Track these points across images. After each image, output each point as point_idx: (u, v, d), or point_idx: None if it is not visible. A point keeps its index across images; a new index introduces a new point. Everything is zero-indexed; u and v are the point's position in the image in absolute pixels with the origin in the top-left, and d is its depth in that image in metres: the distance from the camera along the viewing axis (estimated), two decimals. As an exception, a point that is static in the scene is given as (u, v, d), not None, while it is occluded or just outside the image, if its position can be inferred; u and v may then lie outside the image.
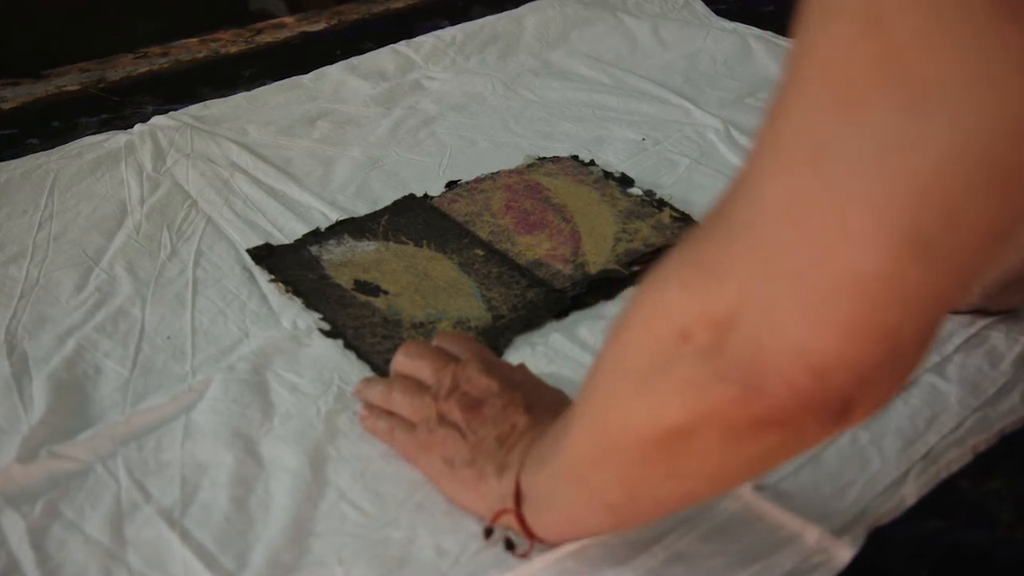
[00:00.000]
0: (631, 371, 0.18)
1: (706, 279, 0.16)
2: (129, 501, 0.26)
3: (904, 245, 0.14)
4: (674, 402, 0.17)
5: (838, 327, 0.15)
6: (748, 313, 0.15)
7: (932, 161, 0.13)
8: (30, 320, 0.33)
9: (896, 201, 0.14)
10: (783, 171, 0.15)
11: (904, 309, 0.15)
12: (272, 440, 0.28)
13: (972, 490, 0.26)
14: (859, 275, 0.14)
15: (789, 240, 0.15)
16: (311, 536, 0.25)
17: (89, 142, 0.43)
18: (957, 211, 0.14)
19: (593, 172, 0.40)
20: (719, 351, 0.16)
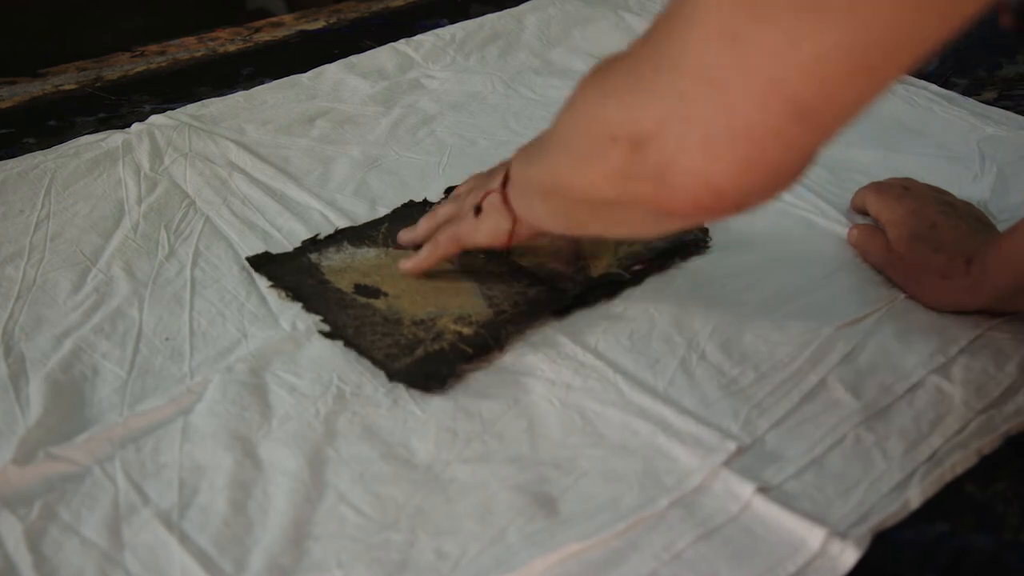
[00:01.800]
0: (574, 151, 0.24)
1: (635, 101, 0.21)
2: (127, 503, 0.26)
3: (790, 110, 0.19)
4: (604, 184, 0.23)
5: (734, 162, 0.20)
6: (666, 138, 0.20)
7: (820, 50, 0.18)
8: (27, 321, 0.33)
9: (788, 77, 0.19)
10: (708, 34, 0.19)
11: (784, 153, 0.20)
12: (271, 442, 0.28)
13: (978, 493, 0.26)
14: (754, 126, 0.19)
15: (704, 90, 0.20)
16: (310, 539, 0.25)
17: (86, 141, 0.43)
18: (833, 91, 0.19)
19: None
20: (640, 159, 0.21)
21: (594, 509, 0.25)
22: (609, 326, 0.32)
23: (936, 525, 0.25)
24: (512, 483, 0.26)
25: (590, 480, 0.26)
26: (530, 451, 0.27)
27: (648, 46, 0.21)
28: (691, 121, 0.20)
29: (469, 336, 0.31)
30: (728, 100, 0.19)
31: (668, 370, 0.30)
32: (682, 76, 0.20)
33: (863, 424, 0.28)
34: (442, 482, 0.26)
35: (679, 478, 0.26)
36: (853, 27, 0.18)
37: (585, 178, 0.24)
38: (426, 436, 0.28)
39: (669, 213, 0.22)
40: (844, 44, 0.18)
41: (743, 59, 0.19)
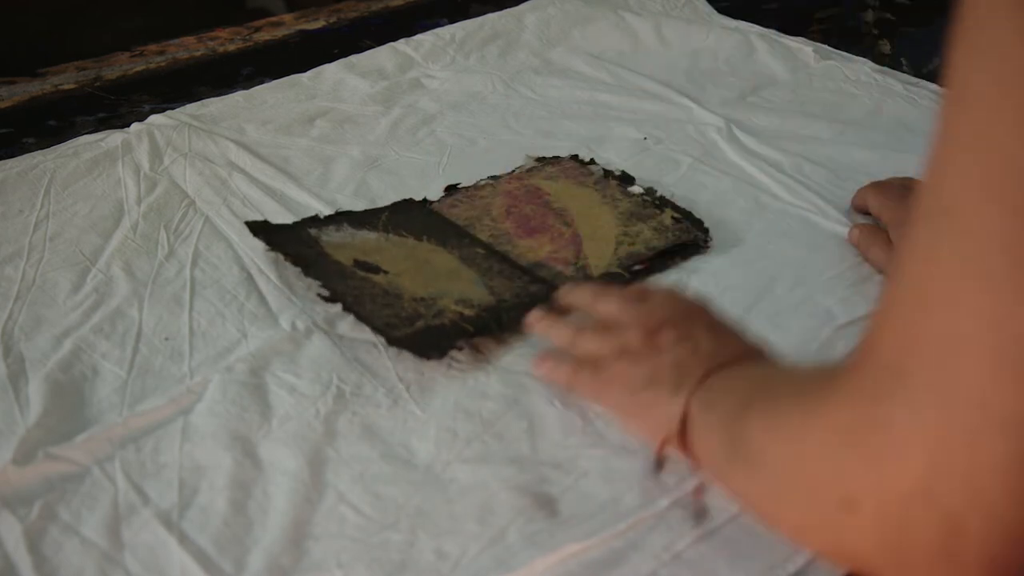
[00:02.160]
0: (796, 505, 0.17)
1: (884, 444, 0.14)
2: (126, 504, 0.26)
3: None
4: (840, 560, 0.16)
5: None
6: (942, 486, 0.13)
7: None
8: (26, 321, 0.33)
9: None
10: (990, 303, 0.13)
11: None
12: (270, 442, 0.28)
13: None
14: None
15: (1000, 390, 0.13)
16: (310, 539, 0.25)
17: (85, 141, 0.43)
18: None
19: (593, 172, 0.40)
20: (898, 535, 0.14)
21: (594, 509, 0.25)
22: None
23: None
24: (512, 483, 0.26)
25: (590, 480, 0.26)
26: (530, 451, 0.27)
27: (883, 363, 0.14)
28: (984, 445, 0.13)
29: (470, 316, 0.30)
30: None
31: (668, 370, 0.30)
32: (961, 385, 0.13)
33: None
34: (442, 482, 0.26)
35: (679, 478, 0.26)
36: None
37: (811, 543, 0.18)
38: (426, 436, 0.28)
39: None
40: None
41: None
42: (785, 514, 0.18)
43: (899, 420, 0.14)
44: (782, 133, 0.43)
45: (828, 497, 0.15)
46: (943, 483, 0.13)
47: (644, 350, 0.25)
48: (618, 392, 0.25)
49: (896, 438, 0.14)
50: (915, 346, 0.14)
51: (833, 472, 0.15)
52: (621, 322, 0.26)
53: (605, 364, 0.26)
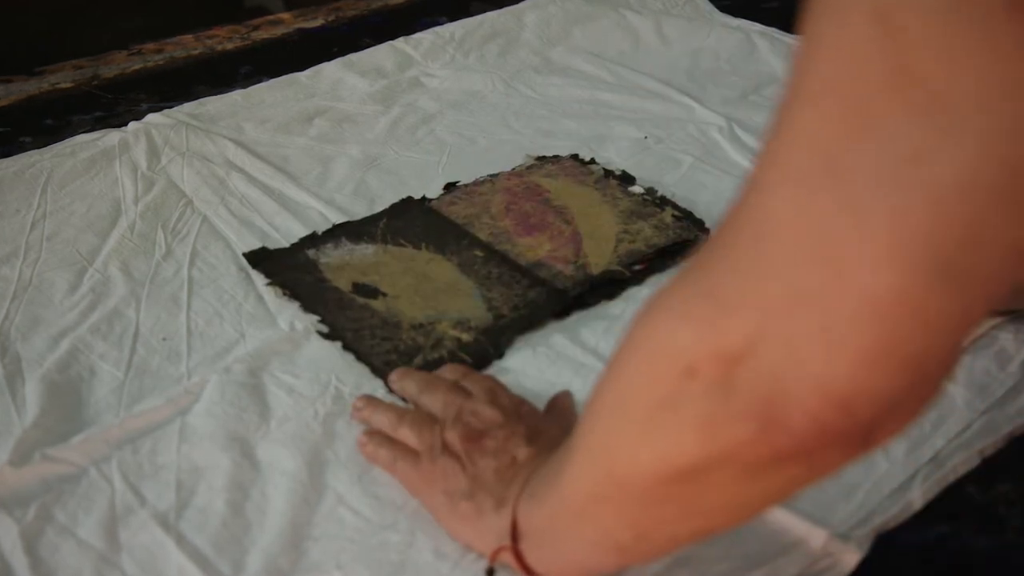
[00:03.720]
0: (633, 410, 0.17)
1: (715, 312, 0.15)
2: (124, 505, 0.26)
3: (924, 267, 0.13)
4: (685, 442, 0.16)
5: (861, 356, 0.14)
6: (765, 347, 0.14)
7: (950, 176, 0.13)
8: (23, 321, 0.33)
9: (914, 220, 0.13)
10: (794, 191, 0.14)
11: (927, 333, 0.14)
12: (269, 443, 0.28)
13: (979, 494, 0.26)
14: (879, 301, 0.13)
15: (805, 267, 0.14)
16: (308, 540, 0.25)
17: (83, 140, 0.43)
18: (977, 229, 0.13)
19: (594, 172, 0.40)
20: (731, 388, 0.15)
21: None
22: (609, 326, 0.32)
23: (938, 527, 0.25)
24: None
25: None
26: (530, 452, 0.27)
27: (715, 248, 0.15)
28: (796, 314, 0.14)
29: (468, 343, 0.31)
30: (843, 270, 0.13)
31: (669, 371, 0.30)
32: (773, 261, 0.14)
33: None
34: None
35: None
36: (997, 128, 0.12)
37: (656, 446, 0.16)
38: (425, 437, 0.28)
39: (778, 456, 0.15)
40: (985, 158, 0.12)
41: (851, 201, 0.13)
42: (628, 436, 0.17)
43: (725, 289, 0.15)
44: (783, 132, 0.43)
45: (672, 369, 0.16)
46: (765, 347, 0.14)
47: (463, 457, 0.24)
48: (439, 496, 0.24)
49: (723, 305, 0.15)
50: (739, 224, 0.15)
51: (674, 344, 0.16)
52: (444, 418, 0.26)
53: (425, 458, 0.25)
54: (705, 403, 0.15)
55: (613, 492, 0.18)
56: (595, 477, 0.19)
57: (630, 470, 0.17)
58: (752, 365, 0.15)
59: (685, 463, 0.16)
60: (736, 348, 0.15)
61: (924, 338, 0.14)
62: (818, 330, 0.14)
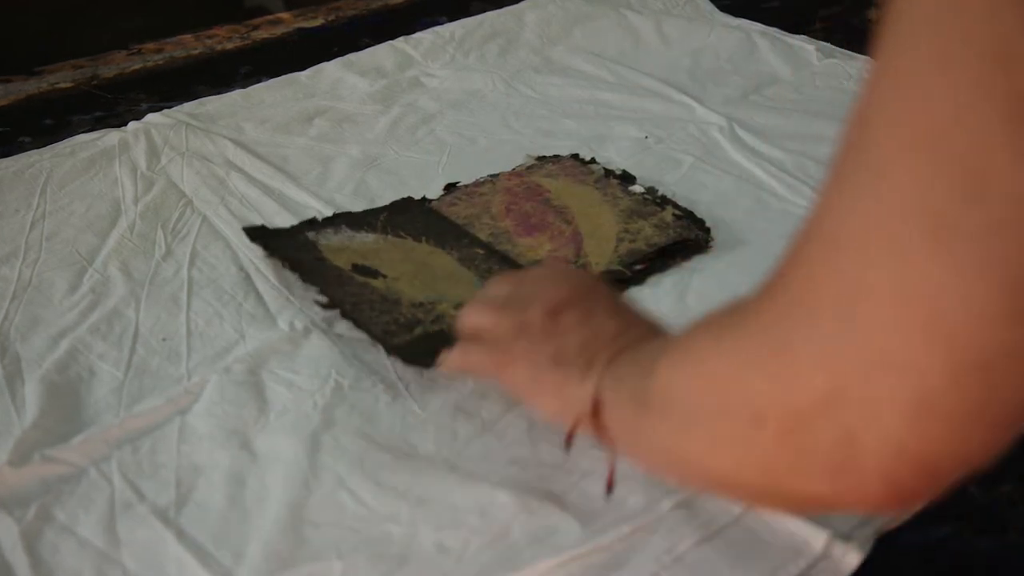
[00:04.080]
0: (705, 427, 0.17)
1: (791, 371, 0.15)
2: (123, 504, 0.26)
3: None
4: (749, 479, 0.16)
5: (952, 422, 0.13)
6: (840, 407, 0.14)
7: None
8: (22, 321, 0.33)
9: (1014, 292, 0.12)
10: (891, 258, 0.13)
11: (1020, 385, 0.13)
12: (267, 434, 0.27)
13: (982, 495, 0.26)
14: (988, 363, 0.13)
15: (900, 334, 0.13)
16: (308, 526, 0.25)
17: (82, 140, 0.43)
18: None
19: (594, 171, 0.40)
20: (802, 449, 0.15)
21: (599, 510, 0.25)
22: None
23: (940, 528, 0.25)
24: (514, 482, 0.26)
25: (592, 481, 0.26)
26: (531, 452, 0.27)
27: (790, 304, 0.15)
28: (883, 380, 0.13)
29: None
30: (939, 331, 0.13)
31: (670, 371, 0.30)
32: (862, 327, 0.13)
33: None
34: (443, 473, 0.26)
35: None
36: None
37: (721, 464, 0.17)
38: (425, 436, 0.28)
39: (850, 507, 0.15)
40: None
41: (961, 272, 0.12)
42: (695, 441, 0.18)
43: (802, 346, 0.15)
44: (785, 132, 0.43)
45: (738, 415, 0.16)
46: (841, 403, 0.14)
47: (546, 330, 0.24)
48: (523, 371, 0.24)
49: (799, 360, 0.15)
50: (822, 285, 0.14)
51: (741, 392, 0.16)
52: (521, 299, 0.25)
53: (504, 342, 0.25)
54: (774, 454, 0.15)
55: (682, 464, 0.19)
56: (666, 453, 0.20)
57: (698, 465, 0.18)
58: (824, 425, 0.14)
59: (744, 492, 0.17)
60: (807, 405, 0.14)
61: (1018, 394, 0.13)
62: (906, 395, 0.13)
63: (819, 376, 0.14)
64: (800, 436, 0.15)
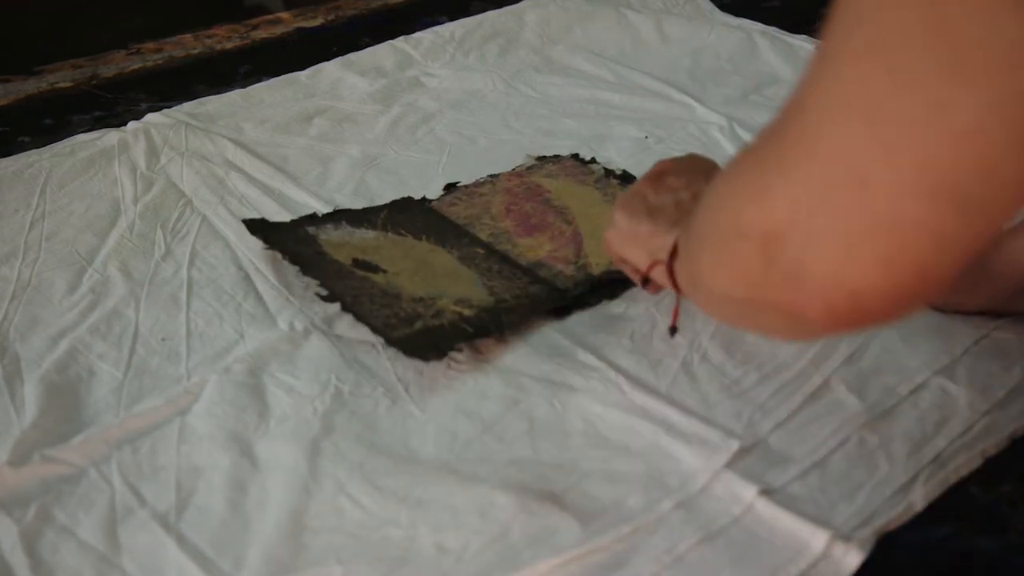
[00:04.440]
0: (709, 246, 0.21)
1: (762, 194, 0.18)
2: (123, 505, 0.26)
3: (944, 197, 0.16)
4: (738, 285, 0.20)
5: (876, 262, 0.17)
6: (795, 236, 0.18)
7: (973, 122, 0.15)
8: (22, 321, 0.33)
9: (939, 158, 0.15)
10: (835, 127, 0.17)
11: (937, 252, 0.17)
12: (268, 440, 0.27)
13: (982, 495, 0.26)
14: (900, 219, 0.16)
15: (838, 181, 0.17)
16: (308, 532, 0.25)
17: (82, 140, 0.43)
18: (994, 168, 0.15)
19: (594, 171, 0.40)
20: (769, 260, 0.18)
21: (597, 511, 0.25)
22: (610, 326, 0.32)
23: (940, 528, 0.25)
24: (514, 483, 0.26)
25: (592, 482, 0.26)
26: (531, 453, 0.27)
27: (777, 133, 0.18)
28: (825, 215, 0.17)
29: (470, 317, 0.30)
30: (868, 188, 0.16)
31: (670, 371, 0.30)
32: (814, 163, 0.17)
33: (867, 426, 0.28)
34: (442, 476, 0.26)
35: (682, 480, 0.26)
36: (1011, 88, 0.15)
37: (721, 278, 0.21)
38: (425, 437, 0.28)
39: (803, 321, 0.18)
40: (1001, 109, 0.15)
41: (883, 137, 0.16)
42: (704, 259, 0.21)
43: (775, 181, 0.18)
44: (784, 132, 0.43)
45: (729, 231, 0.20)
46: (795, 235, 0.18)
47: (649, 188, 0.28)
48: (622, 222, 0.28)
49: (773, 191, 0.18)
50: (787, 128, 0.18)
51: (733, 212, 0.19)
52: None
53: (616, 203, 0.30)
54: (750, 262, 0.19)
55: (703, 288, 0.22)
56: (693, 273, 0.23)
57: (708, 285, 0.22)
58: (785, 248, 0.18)
59: (738, 298, 0.20)
60: (773, 229, 0.18)
61: (934, 255, 0.17)
62: (842, 236, 0.17)
63: (784, 205, 0.18)
64: (769, 250, 0.18)
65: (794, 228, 0.18)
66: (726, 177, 0.21)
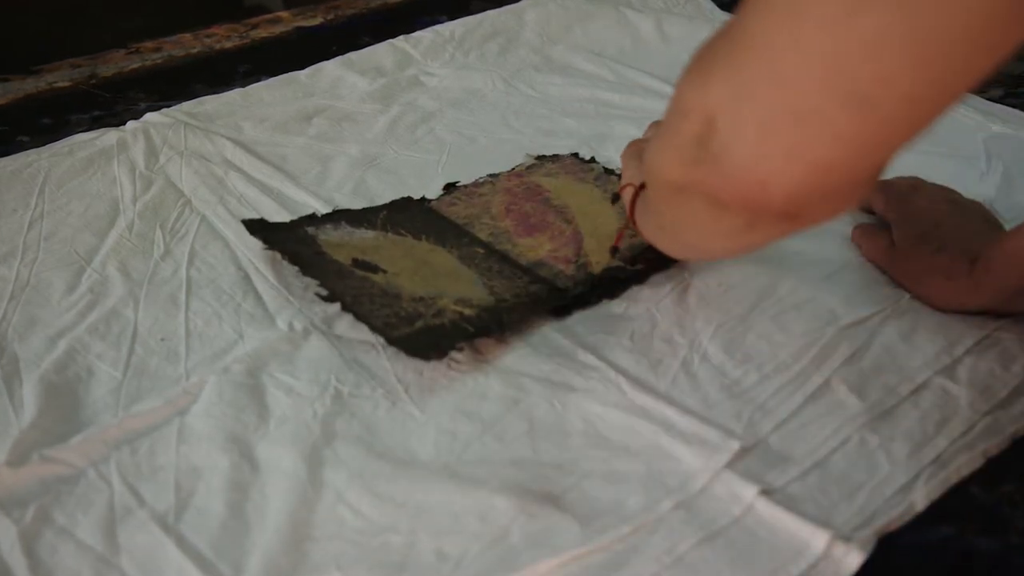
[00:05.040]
0: (662, 126, 0.23)
1: (702, 82, 0.20)
2: (122, 506, 0.26)
3: (844, 97, 0.17)
4: (674, 161, 0.22)
5: (782, 154, 0.19)
6: (723, 120, 0.20)
7: (879, 26, 0.17)
8: (20, 321, 0.32)
9: (846, 58, 0.17)
10: (770, 17, 0.18)
11: (836, 149, 0.18)
12: (268, 443, 0.27)
13: (983, 495, 0.26)
14: (804, 113, 0.18)
15: (758, 75, 0.19)
16: (308, 541, 0.25)
17: (80, 139, 0.43)
18: (892, 78, 0.17)
19: (594, 169, 0.39)
20: (703, 141, 0.20)
21: (597, 511, 0.25)
22: (610, 326, 0.32)
23: (941, 528, 0.25)
24: (513, 484, 0.26)
25: (592, 482, 0.26)
26: (531, 453, 0.27)
27: (729, 26, 0.20)
28: (747, 103, 0.19)
29: (470, 316, 0.30)
30: (783, 79, 0.18)
31: (670, 371, 0.30)
32: (744, 53, 0.19)
33: (867, 426, 0.28)
34: (442, 481, 0.26)
35: (682, 480, 0.26)
36: (913, 8, 0.16)
37: (663, 154, 0.22)
38: (425, 438, 0.28)
39: (722, 205, 0.21)
40: (903, 25, 0.16)
41: (799, 32, 0.17)
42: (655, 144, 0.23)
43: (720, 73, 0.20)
44: (784, 131, 0.43)
45: (677, 111, 0.21)
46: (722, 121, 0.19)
47: None
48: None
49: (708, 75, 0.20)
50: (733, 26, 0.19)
51: (681, 92, 0.21)
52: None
53: None
54: (687, 138, 0.21)
55: (650, 179, 0.25)
56: (646, 164, 0.25)
57: (653, 169, 0.24)
58: (715, 130, 0.20)
59: (672, 178, 0.22)
60: (710, 112, 0.20)
61: (832, 151, 0.18)
62: (757, 123, 0.19)
63: (720, 91, 0.20)
64: (703, 131, 0.20)
65: (724, 113, 0.19)
66: (685, 69, 0.22)
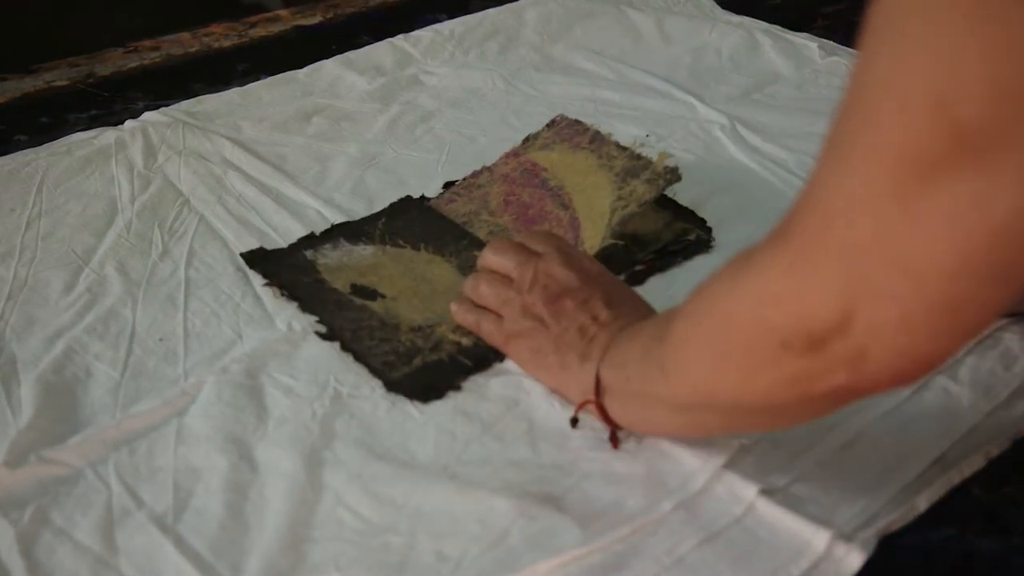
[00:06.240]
0: (737, 364, 0.22)
1: (802, 302, 0.20)
2: (120, 507, 0.26)
3: (984, 275, 0.18)
4: (783, 390, 0.21)
5: (936, 335, 0.19)
6: (853, 328, 0.19)
7: (1001, 215, 0.17)
8: (18, 321, 0.32)
9: (975, 246, 0.17)
10: (873, 221, 0.18)
11: (985, 314, 0.19)
12: (266, 444, 0.27)
13: (985, 496, 0.26)
14: (951, 299, 0.18)
15: (885, 269, 0.18)
16: (308, 542, 0.25)
17: (78, 139, 0.43)
18: (1016, 247, 0.17)
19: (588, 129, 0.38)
20: (825, 356, 0.20)
21: (597, 512, 0.25)
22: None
23: (942, 529, 0.25)
24: (513, 485, 0.26)
25: (592, 482, 0.26)
26: (531, 454, 0.27)
27: (781, 236, 0.20)
28: (879, 303, 0.18)
29: (468, 347, 0.30)
30: (911, 275, 0.18)
31: (670, 371, 0.30)
32: (853, 258, 0.18)
33: (869, 426, 0.27)
34: (441, 483, 0.26)
35: (682, 480, 0.26)
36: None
37: (757, 392, 0.22)
38: (425, 439, 0.28)
39: (863, 393, 0.21)
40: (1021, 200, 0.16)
41: (929, 235, 0.17)
42: (729, 374, 0.22)
43: (817, 286, 0.19)
44: (787, 130, 0.43)
45: (767, 344, 0.21)
46: (854, 330, 0.19)
47: (549, 314, 0.28)
48: (525, 352, 0.29)
49: (813, 296, 0.19)
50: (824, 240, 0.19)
51: (763, 324, 0.21)
52: (526, 278, 0.29)
53: (509, 319, 0.29)
54: (798, 367, 0.20)
55: (708, 406, 0.24)
56: (693, 398, 0.24)
57: (732, 402, 0.23)
58: (843, 339, 0.19)
59: (777, 404, 0.22)
60: (826, 325, 0.19)
61: (980, 316, 0.19)
62: (899, 321, 0.19)
63: (824, 302, 0.19)
64: (820, 350, 0.20)
65: (848, 324, 0.19)
66: (734, 292, 0.21)
